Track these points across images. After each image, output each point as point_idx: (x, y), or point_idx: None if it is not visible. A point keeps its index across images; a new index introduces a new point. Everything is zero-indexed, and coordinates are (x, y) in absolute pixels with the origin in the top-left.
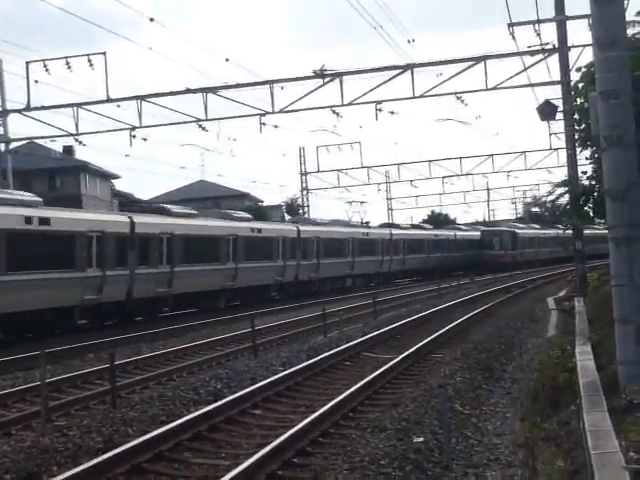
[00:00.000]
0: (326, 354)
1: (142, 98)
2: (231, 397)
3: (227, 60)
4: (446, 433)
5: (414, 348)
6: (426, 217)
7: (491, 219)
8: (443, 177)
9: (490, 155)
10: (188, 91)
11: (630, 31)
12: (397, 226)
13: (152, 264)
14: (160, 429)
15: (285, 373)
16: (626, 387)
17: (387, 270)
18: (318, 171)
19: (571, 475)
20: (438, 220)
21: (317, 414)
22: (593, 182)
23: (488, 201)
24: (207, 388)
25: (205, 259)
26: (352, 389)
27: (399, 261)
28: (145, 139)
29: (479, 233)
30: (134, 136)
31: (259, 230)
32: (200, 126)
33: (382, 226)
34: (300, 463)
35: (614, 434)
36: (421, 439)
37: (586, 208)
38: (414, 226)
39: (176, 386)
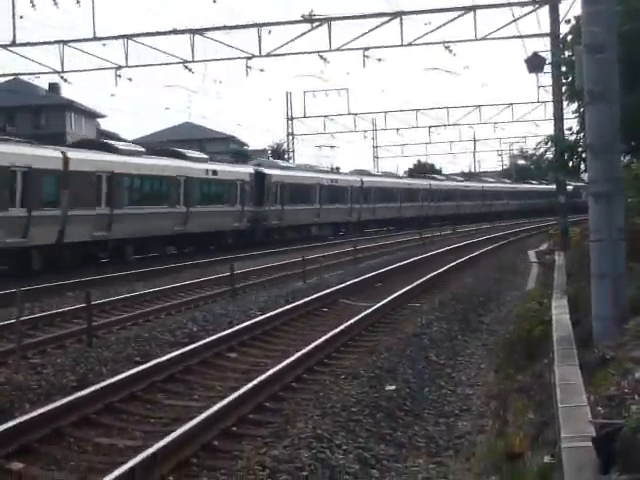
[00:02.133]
0: (304, 300)
1: (128, 37)
2: (207, 340)
3: (214, 1)
4: (419, 382)
5: (392, 297)
6: (412, 166)
7: (477, 170)
8: (429, 127)
9: (477, 106)
10: (175, 32)
11: None
12: (368, 173)
13: (88, 205)
14: (134, 369)
15: (262, 317)
16: (599, 342)
17: (357, 219)
18: (304, 116)
19: (540, 427)
20: (425, 169)
21: (291, 359)
22: (578, 136)
23: (474, 152)
24: (183, 330)
25: (151, 201)
26: (328, 335)
27: (369, 210)
28: (130, 79)
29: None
30: (119, 76)
31: (214, 172)
32: (186, 67)
33: (353, 173)
34: (272, 407)
35: (583, 388)
36: (393, 387)
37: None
38: (386, 174)
39: (152, 327)
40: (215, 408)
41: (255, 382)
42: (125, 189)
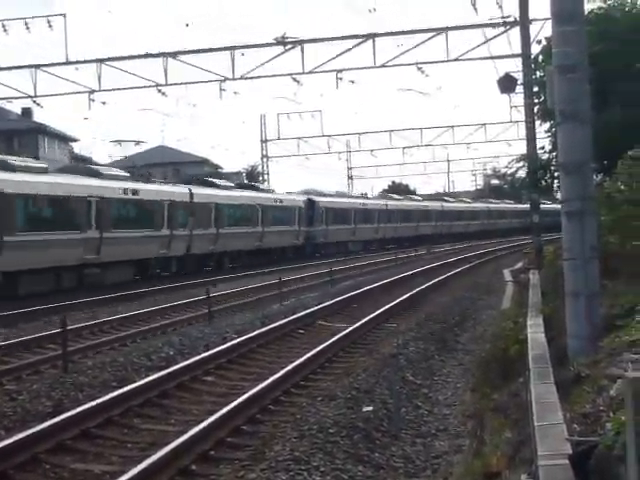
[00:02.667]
0: (281, 322)
1: (102, 61)
2: (183, 363)
3: (187, 25)
4: (395, 403)
5: (368, 317)
6: (387, 187)
7: (451, 190)
8: (403, 147)
9: (450, 126)
10: (148, 55)
11: (589, 6)
12: (392, 197)
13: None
14: (110, 394)
15: (239, 340)
16: (575, 360)
17: (382, 237)
18: (279, 138)
19: (517, 445)
20: (399, 190)
21: (268, 382)
22: (550, 156)
23: (448, 172)
24: (160, 354)
25: (242, 224)
26: (304, 357)
27: (392, 229)
28: (104, 103)
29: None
30: (93, 99)
31: (280, 200)
32: (160, 91)
33: (378, 197)
34: (249, 430)
35: (559, 406)
36: (370, 408)
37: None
38: (407, 198)
39: (129, 352)
40: (192, 432)
41: (232, 405)
42: (225, 215)
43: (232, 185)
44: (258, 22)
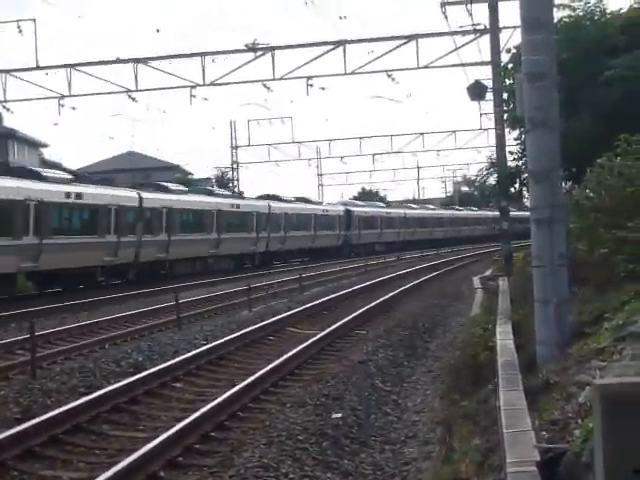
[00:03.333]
0: (250, 329)
1: (72, 66)
2: (152, 370)
3: (158, 31)
4: (365, 409)
5: (338, 324)
6: (356, 194)
7: (421, 197)
8: (373, 154)
9: (421, 133)
10: (118, 61)
11: (558, 14)
12: (410, 206)
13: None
14: (79, 400)
15: (208, 347)
16: (543, 367)
17: (403, 239)
18: (249, 145)
19: (486, 452)
20: (370, 197)
21: (237, 388)
22: (519, 163)
23: (418, 179)
24: (129, 360)
25: (302, 229)
26: (274, 364)
27: (410, 233)
28: (74, 108)
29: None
30: (63, 105)
31: (327, 210)
32: (130, 97)
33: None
34: (218, 437)
35: (528, 413)
36: (339, 415)
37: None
38: (422, 207)
39: (98, 358)
40: (161, 438)
41: (201, 412)
42: (276, 222)
43: (292, 199)
44: (229, 28)
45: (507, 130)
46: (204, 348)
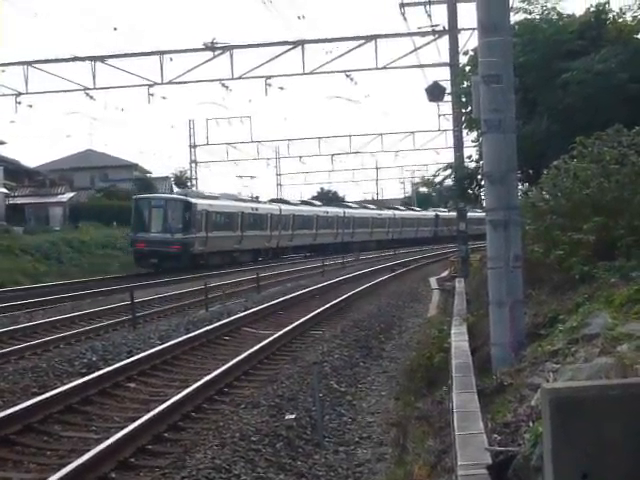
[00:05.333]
0: (205, 328)
1: (29, 64)
2: (106, 370)
3: (115, 29)
4: (318, 410)
5: (294, 324)
6: (315, 194)
7: (379, 198)
8: (332, 154)
9: (379, 134)
10: (76, 59)
11: (515, 17)
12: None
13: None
14: (30, 401)
15: (162, 347)
16: (498, 369)
17: (435, 235)
18: (207, 144)
19: (439, 454)
20: (328, 197)
21: (191, 389)
22: (477, 165)
23: (377, 180)
24: (82, 360)
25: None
26: (229, 364)
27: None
28: (31, 106)
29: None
30: (19, 102)
31: (380, 214)
32: (88, 95)
33: (272, 201)
34: (171, 438)
35: (481, 415)
36: (293, 416)
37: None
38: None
39: (51, 357)
40: (113, 439)
41: (154, 412)
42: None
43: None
44: (187, 27)
45: (465, 132)
46: (158, 348)
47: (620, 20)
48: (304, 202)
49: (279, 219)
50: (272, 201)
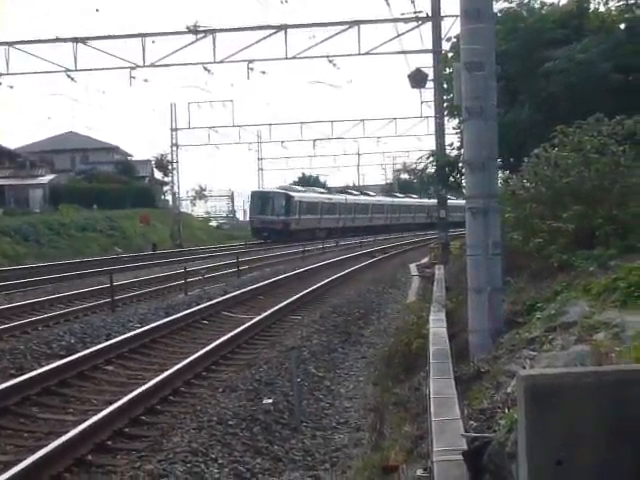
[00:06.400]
0: (185, 312)
1: (10, 44)
2: (84, 352)
3: (97, 10)
4: (296, 395)
5: (273, 309)
6: (296, 179)
7: (361, 184)
8: (314, 140)
9: (361, 120)
10: (57, 40)
11: (498, 5)
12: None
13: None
14: (8, 382)
15: (141, 330)
16: (475, 355)
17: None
18: (189, 127)
19: (415, 440)
20: (309, 183)
21: (169, 372)
22: (458, 152)
23: (358, 165)
24: (60, 342)
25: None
26: (207, 348)
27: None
28: (12, 87)
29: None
30: (0, 83)
31: (421, 204)
32: (69, 76)
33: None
34: (148, 421)
35: (457, 402)
36: (270, 400)
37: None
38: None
39: (29, 339)
40: (90, 422)
41: (131, 395)
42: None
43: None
44: (170, 10)
45: (447, 119)
46: (137, 331)
47: (602, 10)
48: (363, 193)
49: (345, 206)
50: (340, 192)
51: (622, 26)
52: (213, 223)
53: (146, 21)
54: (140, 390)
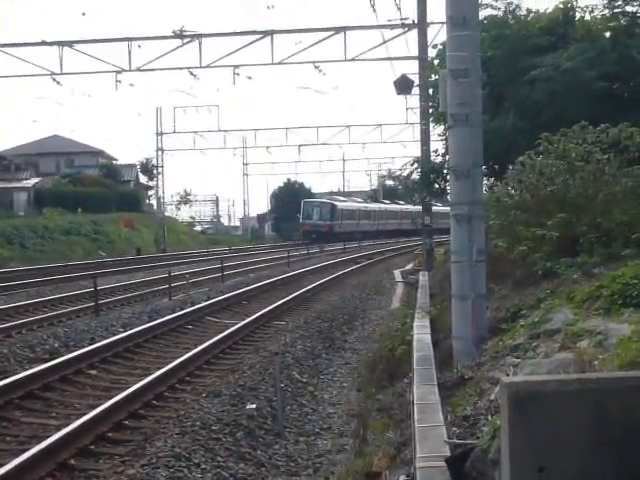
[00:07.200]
0: (169, 317)
1: None
2: (67, 356)
3: (84, 14)
4: (280, 401)
5: (258, 314)
6: (282, 184)
7: (346, 190)
8: (299, 145)
9: (347, 126)
10: (43, 43)
11: (483, 12)
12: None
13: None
14: None
15: (125, 334)
16: (459, 362)
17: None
18: (174, 132)
19: (399, 446)
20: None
21: (153, 377)
22: (443, 159)
23: (343, 171)
24: (44, 346)
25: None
26: (191, 353)
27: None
28: None
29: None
30: None
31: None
32: (55, 80)
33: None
34: (131, 425)
35: (440, 408)
36: (254, 406)
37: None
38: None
39: (13, 343)
40: (73, 426)
41: (115, 400)
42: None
43: None
44: (156, 14)
45: (432, 125)
46: (121, 336)
47: (588, 18)
48: (393, 202)
49: (378, 213)
50: (375, 201)
51: (607, 34)
52: (198, 228)
53: (132, 25)
54: (123, 395)
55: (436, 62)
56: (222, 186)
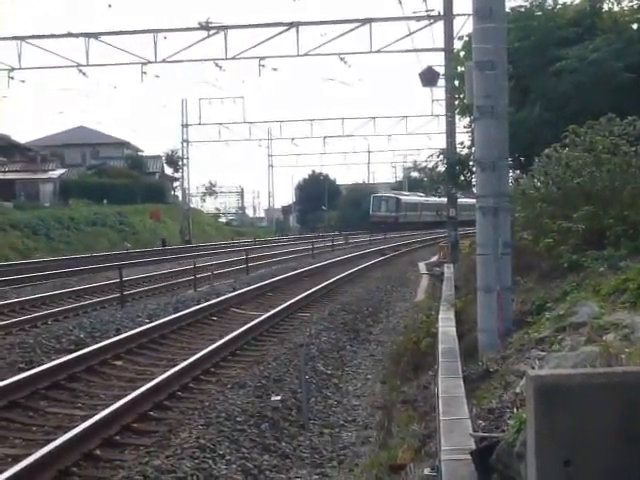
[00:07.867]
0: (194, 308)
1: (22, 39)
2: (93, 347)
3: (110, 6)
4: (304, 392)
5: (282, 306)
6: (307, 176)
7: (371, 182)
8: (324, 137)
9: (372, 118)
10: (70, 35)
11: (510, 4)
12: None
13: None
14: (17, 376)
15: (150, 325)
16: (484, 355)
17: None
18: (199, 124)
19: (423, 439)
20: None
21: (178, 368)
22: (469, 151)
23: (369, 163)
24: (70, 337)
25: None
26: (216, 344)
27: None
28: (24, 81)
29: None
30: (12, 77)
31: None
32: (81, 71)
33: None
34: (156, 416)
35: (465, 401)
36: (279, 397)
37: (462, 177)
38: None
39: (39, 333)
40: (98, 416)
41: (140, 390)
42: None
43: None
44: (182, 6)
45: (458, 117)
46: (146, 326)
47: (616, 9)
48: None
49: (438, 205)
50: (432, 195)
51: (635, 26)
52: (222, 219)
53: (158, 17)
54: (149, 385)
55: (462, 54)
56: (247, 178)
